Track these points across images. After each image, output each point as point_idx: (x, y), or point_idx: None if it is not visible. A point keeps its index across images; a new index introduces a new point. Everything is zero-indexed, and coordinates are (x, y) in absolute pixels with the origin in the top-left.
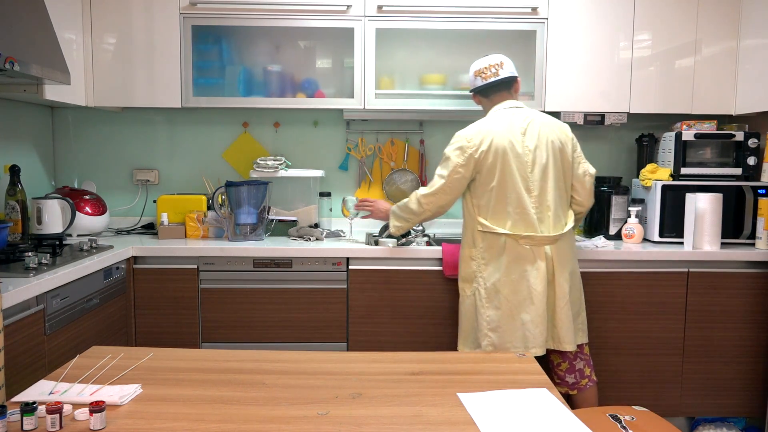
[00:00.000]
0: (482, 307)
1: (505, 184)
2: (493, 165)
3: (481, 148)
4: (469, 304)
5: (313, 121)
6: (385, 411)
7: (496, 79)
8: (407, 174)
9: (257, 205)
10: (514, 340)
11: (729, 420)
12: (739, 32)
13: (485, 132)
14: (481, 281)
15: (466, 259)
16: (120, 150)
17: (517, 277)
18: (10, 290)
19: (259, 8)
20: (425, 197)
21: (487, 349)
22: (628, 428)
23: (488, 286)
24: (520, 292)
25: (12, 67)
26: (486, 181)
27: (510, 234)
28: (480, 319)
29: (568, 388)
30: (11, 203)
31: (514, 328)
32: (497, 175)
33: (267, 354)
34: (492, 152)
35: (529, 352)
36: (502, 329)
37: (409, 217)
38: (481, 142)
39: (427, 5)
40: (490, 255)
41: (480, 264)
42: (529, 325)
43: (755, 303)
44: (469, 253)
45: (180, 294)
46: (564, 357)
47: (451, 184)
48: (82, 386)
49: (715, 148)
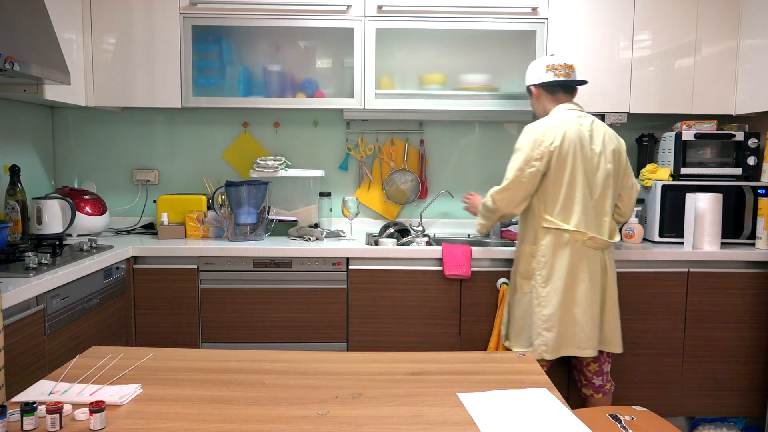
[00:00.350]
0: (539, 305)
1: (574, 183)
2: (564, 161)
3: (555, 143)
4: (525, 302)
5: (313, 121)
6: (385, 411)
7: (569, 79)
8: (407, 174)
9: (257, 205)
10: (567, 340)
11: (729, 420)
12: (739, 32)
13: (557, 128)
14: (539, 279)
15: (527, 256)
16: (120, 150)
17: (577, 277)
18: (10, 290)
19: (259, 8)
20: (498, 193)
21: (539, 348)
22: (628, 428)
23: (547, 284)
24: (577, 293)
25: (12, 67)
26: (556, 178)
27: (576, 232)
28: (535, 317)
29: (594, 391)
30: (11, 203)
31: (569, 328)
32: (568, 172)
33: (267, 354)
34: (565, 148)
35: (583, 352)
36: (557, 329)
37: (487, 215)
38: (555, 137)
39: (427, 5)
40: (552, 253)
41: (540, 261)
42: (583, 326)
43: (755, 303)
44: (530, 249)
45: (180, 294)
46: (596, 359)
47: (525, 177)
48: (82, 386)
49: (715, 148)
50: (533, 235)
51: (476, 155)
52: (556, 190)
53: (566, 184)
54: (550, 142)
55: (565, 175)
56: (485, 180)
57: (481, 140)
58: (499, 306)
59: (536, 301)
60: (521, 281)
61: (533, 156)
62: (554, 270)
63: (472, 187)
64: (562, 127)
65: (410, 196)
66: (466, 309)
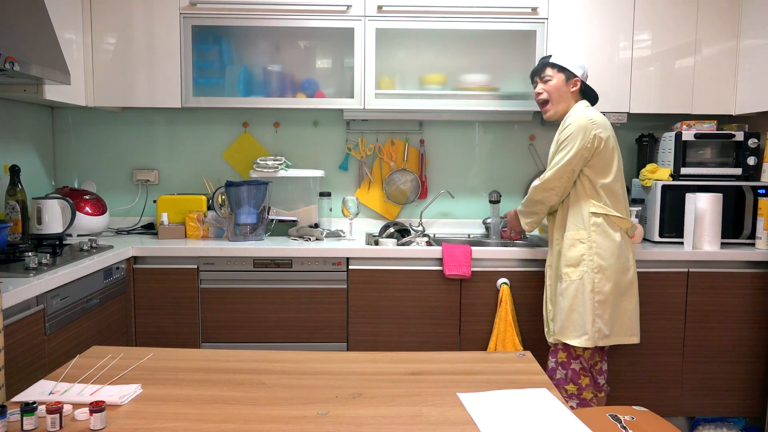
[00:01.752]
0: (592, 291)
1: (620, 172)
2: (613, 150)
3: (605, 132)
4: (574, 289)
5: (313, 121)
6: (385, 411)
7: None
8: (407, 174)
9: (257, 205)
10: (617, 328)
11: (729, 420)
12: (739, 32)
13: (601, 118)
14: (590, 264)
15: (574, 243)
16: (120, 150)
17: (624, 263)
18: (10, 290)
19: (259, 8)
20: (551, 182)
21: (595, 336)
22: (628, 428)
23: (599, 270)
24: (624, 281)
25: (12, 67)
26: (607, 165)
27: (622, 218)
28: (588, 303)
29: (598, 391)
30: (11, 203)
31: (619, 316)
32: (616, 159)
33: (267, 354)
34: (612, 138)
35: (630, 340)
36: (610, 314)
37: (537, 209)
38: (604, 126)
39: (427, 5)
40: (601, 239)
41: (591, 246)
42: (631, 313)
43: (755, 303)
44: (578, 235)
45: (180, 294)
46: (602, 356)
47: (576, 166)
48: (82, 386)
49: (715, 148)
50: (580, 221)
51: (476, 155)
52: (608, 177)
53: (616, 172)
54: (600, 131)
55: (615, 162)
56: (485, 180)
57: (481, 140)
58: (499, 306)
59: (589, 287)
60: (568, 269)
61: (585, 145)
62: (604, 256)
63: (472, 187)
64: (601, 117)
65: (410, 196)
66: (466, 309)
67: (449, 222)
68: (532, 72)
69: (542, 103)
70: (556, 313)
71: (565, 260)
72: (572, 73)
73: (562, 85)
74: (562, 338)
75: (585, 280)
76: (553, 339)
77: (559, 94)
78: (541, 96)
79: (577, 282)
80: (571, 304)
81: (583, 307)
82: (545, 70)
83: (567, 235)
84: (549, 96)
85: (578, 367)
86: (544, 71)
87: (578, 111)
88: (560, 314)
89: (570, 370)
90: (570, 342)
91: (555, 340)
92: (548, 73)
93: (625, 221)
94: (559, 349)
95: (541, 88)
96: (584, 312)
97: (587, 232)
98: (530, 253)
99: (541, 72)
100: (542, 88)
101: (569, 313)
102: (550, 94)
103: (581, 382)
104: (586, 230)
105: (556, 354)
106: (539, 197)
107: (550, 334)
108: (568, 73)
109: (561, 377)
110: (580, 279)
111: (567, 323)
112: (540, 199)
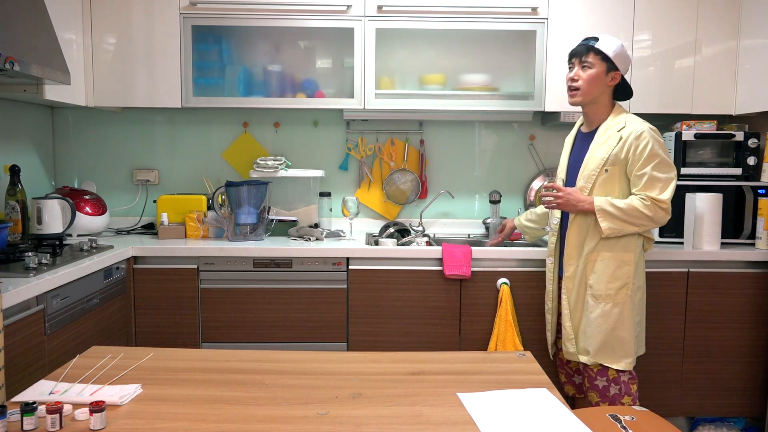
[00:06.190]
0: (632, 314)
1: None
2: None
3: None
4: (618, 312)
5: (313, 121)
6: (385, 411)
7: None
8: (407, 174)
9: (257, 205)
10: (639, 344)
11: (729, 420)
12: (739, 32)
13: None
14: (632, 286)
15: (619, 264)
16: (120, 150)
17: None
18: (10, 290)
19: (259, 8)
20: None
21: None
22: (628, 428)
23: (638, 291)
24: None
25: (12, 67)
26: None
27: (650, 238)
28: (630, 327)
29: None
30: (11, 203)
31: (640, 332)
32: None
33: (267, 354)
34: None
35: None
36: (640, 334)
37: (642, 223)
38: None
39: (427, 5)
40: (640, 260)
41: (638, 267)
42: (644, 324)
43: (755, 303)
44: (625, 257)
45: (180, 294)
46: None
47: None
48: (82, 386)
49: (715, 148)
50: (632, 241)
51: (476, 155)
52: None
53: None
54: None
55: None
56: (485, 180)
57: (481, 140)
58: (499, 306)
59: (631, 308)
60: (612, 291)
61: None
62: (641, 276)
63: (472, 187)
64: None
65: (410, 196)
66: (466, 309)
67: (449, 222)
68: (571, 52)
69: (573, 88)
70: (590, 334)
71: (610, 281)
72: (615, 66)
73: (601, 77)
74: (602, 361)
75: (628, 302)
76: (589, 361)
77: (595, 85)
78: (576, 83)
79: (621, 304)
80: (614, 327)
81: (627, 330)
82: (588, 54)
83: (609, 256)
84: (583, 85)
85: (627, 378)
86: (586, 56)
87: (634, 119)
88: (598, 336)
89: (622, 384)
90: (614, 366)
91: (593, 363)
92: (590, 60)
93: (651, 241)
94: (603, 366)
95: (577, 74)
96: (629, 334)
97: (633, 253)
98: (530, 253)
99: (583, 56)
100: (578, 75)
101: (609, 336)
102: (585, 83)
103: (633, 390)
104: (633, 252)
105: (606, 372)
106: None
107: (578, 355)
108: (610, 65)
109: (616, 392)
110: (623, 301)
111: (607, 346)
112: (651, 216)
